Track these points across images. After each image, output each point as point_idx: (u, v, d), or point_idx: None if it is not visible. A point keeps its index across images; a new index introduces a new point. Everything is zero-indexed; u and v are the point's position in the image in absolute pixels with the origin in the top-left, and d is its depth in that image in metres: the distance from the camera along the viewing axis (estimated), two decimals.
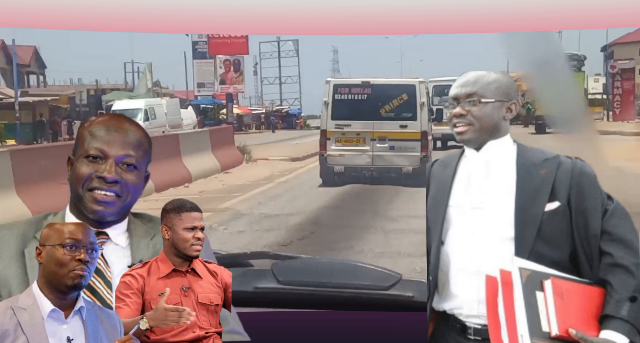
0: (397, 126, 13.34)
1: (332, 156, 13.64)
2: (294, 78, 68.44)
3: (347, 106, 13.53)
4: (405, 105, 13.39)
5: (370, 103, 13.49)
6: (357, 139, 13.45)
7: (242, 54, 49.46)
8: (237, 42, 47.83)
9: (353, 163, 13.52)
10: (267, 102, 62.29)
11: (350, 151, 13.50)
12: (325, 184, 13.92)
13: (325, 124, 13.70)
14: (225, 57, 48.28)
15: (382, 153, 13.38)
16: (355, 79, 14.27)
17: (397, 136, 13.32)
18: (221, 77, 48.95)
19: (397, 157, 13.20)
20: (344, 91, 13.66)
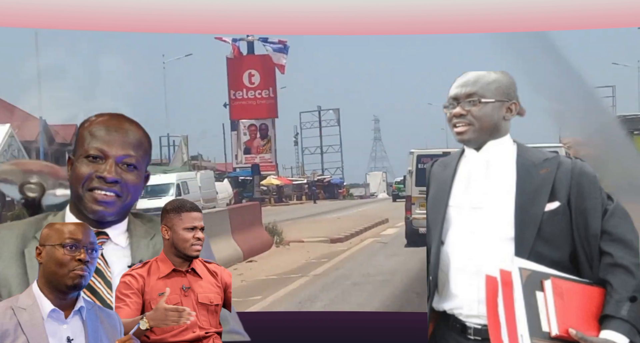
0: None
1: (417, 219, 14.89)
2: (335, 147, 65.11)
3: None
4: None
5: None
6: None
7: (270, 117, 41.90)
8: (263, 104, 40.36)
9: None
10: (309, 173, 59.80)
11: None
12: (410, 245, 15.38)
13: (410, 190, 15.20)
14: (250, 122, 41.28)
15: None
16: (436, 149, 15.93)
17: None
18: (246, 145, 42.01)
19: None
20: (426, 161, 15.04)
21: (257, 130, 42.66)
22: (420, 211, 14.82)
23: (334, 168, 64.96)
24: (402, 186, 30.38)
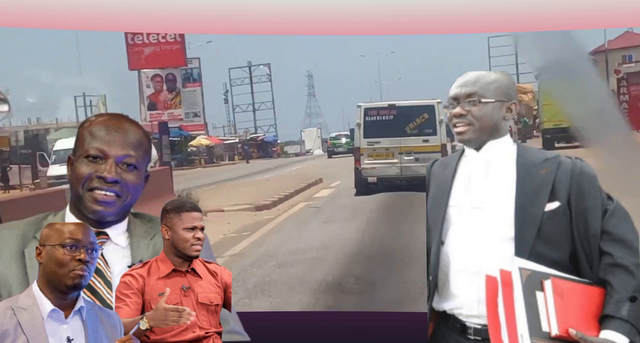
0: (421, 140, 15.61)
1: (366, 169, 15.75)
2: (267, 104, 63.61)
3: (376, 126, 15.84)
4: (427, 123, 15.74)
5: (396, 122, 15.79)
6: (387, 153, 15.69)
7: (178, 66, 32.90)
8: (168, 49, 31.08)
9: (384, 174, 15.67)
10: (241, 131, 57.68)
11: (381, 164, 15.69)
12: (359, 193, 15.86)
13: (359, 142, 15.86)
14: (154, 72, 31.69)
15: (409, 164, 15.56)
16: (382, 102, 16.89)
17: (421, 149, 15.50)
18: (150, 100, 32.66)
19: (422, 167, 14.74)
20: (373, 114, 15.99)
21: (164, 81, 34.19)
22: (368, 161, 15.60)
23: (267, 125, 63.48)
24: (337, 142, 30.08)
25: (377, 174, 15.77)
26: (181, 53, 32.31)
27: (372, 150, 15.70)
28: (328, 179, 22.03)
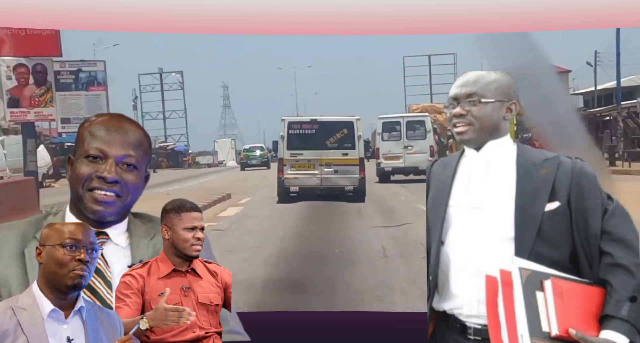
0: (340, 154, 17.02)
1: (288, 178, 16.93)
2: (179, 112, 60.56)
3: (299, 139, 17.13)
4: (346, 137, 17.18)
5: (318, 136, 17.15)
6: (308, 165, 16.96)
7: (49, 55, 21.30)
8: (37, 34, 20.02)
9: (305, 184, 16.88)
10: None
11: (303, 174, 16.95)
12: (282, 201, 16.76)
13: (282, 153, 17.13)
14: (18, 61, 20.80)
15: (329, 176, 16.96)
16: (305, 117, 18.45)
17: (340, 162, 16.98)
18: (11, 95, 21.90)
19: (341, 178, 16.85)
20: (296, 127, 17.29)
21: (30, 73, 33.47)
22: (291, 171, 16.82)
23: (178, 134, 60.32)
24: (251, 154, 30.52)
25: (298, 184, 16.91)
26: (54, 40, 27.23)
27: (295, 161, 16.93)
28: (238, 194, 20.27)
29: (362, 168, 16.79)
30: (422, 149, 20.67)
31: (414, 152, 20.75)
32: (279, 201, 16.69)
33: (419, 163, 20.26)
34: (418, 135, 21.08)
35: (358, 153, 16.98)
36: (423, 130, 21.04)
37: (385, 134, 21.23)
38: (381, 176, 20.85)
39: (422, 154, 20.48)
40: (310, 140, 17.04)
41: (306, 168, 16.94)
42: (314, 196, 16.76)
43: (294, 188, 16.83)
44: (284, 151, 17.08)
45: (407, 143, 20.83)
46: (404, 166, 20.72)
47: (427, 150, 20.57)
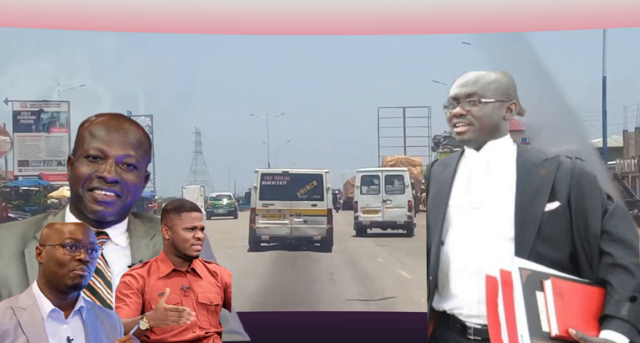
0: (309, 204, 17.76)
1: (260, 228, 17.60)
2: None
3: (271, 190, 17.90)
4: (316, 189, 17.99)
5: (289, 187, 17.95)
6: (279, 214, 17.66)
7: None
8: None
9: (276, 233, 17.62)
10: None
11: (274, 224, 17.68)
12: (253, 250, 17.35)
13: (255, 203, 17.85)
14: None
15: (298, 226, 17.67)
16: (277, 169, 19.27)
17: (309, 213, 17.67)
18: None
19: (309, 228, 17.62)
20: (268, 178, 18.17)
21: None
22: (262, 221, 17.58)
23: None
24: (218, 202, 30.04)
25: (269, 233, 17.66)
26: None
27: (267, 211, 17.74)
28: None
29: (329, 219, 17.69)
30: (400, 204, 20.59)
31: (392, 206, 20.61)
32: (250, 250, 17.36)
33: (397, 217, 20.47)
34: (397, 189, 20.98)
35: (326, 204, 17.87)
36: (402, 184, 20.99)
37: (363, 188, 21.15)
38: (358, 229, 20.77)
39: (401, 209, 20.48)
40: (282, 191, 17.89)
41: (277, 218, 17.68)
42: (284, 245, 17.50)
43: (265, 237, 17.65)
44: (257, 201, 17.85)
45: (385, 197, 20.69)
46: (382, 220, 20.60)
47: (405, 205, 20.46)
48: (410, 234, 20.06)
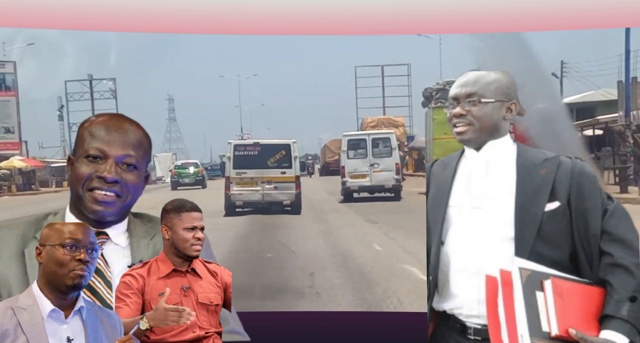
0: (279, 172, 19.11)
1: (234, 194, 18.95)
2: None
3: (244, 159, 19.27)
4: (284, 158, 19.35)
5: (260, 157, 19.36)
6: (252, 182, 19.07)
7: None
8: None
9: (249, 199, 19.04)
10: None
11: (247, 191, 19.07)
12: (228, 215, 18.46)
13: (229, 172, 19.25)
14: None
15: (269, 192, 19.06)
16: (249, 141, 21.29)
17: (279, 180, 19.04)
18: None
19: (280, 194, 19.01)
20: (241, 149, 19.56)
21: None
22: (236, 188, 18.98)
23: None
24: (183, 171, 30.44)
25: (243, 199, 19.13)
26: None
27: (240, 179, 19.20)
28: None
29: (297, 184, 19.18)
30: (388, 167, 21.01)
31: (380, 170, 21.04)
32: (226, 215, 18.46)
33: (385, 181, 20.78)
34: (384, 152, 21.34)
35: (294, 171, 19.27)
36: (389, 147, 21.43)
37: (350, 152, 21.66)
38: (346, 195, 21.11)
39: (388, 172, 20.87)
40: (253, 160, 19.32)
41: (250, 185, 19.13)
42: (257, 209, 18.82)
43: (239, 202, 19.06)
44: (231, 170, 19.31)
45: (373, 161, 21.18)
46: (370, 184, 21.03)
47: (393, 168, 20.91)
48: (398, 197, 20.28)
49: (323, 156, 36.00)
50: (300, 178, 19.76)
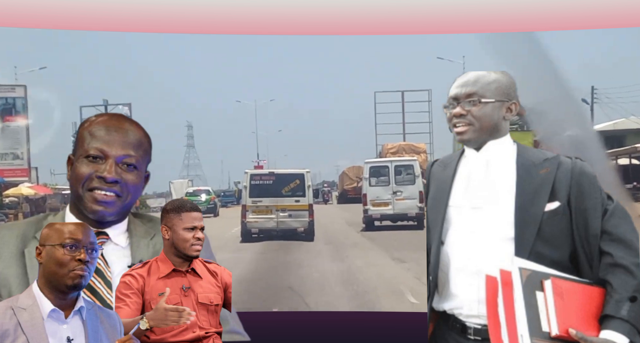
0: (293, 200, 19.87)
1: (250, 222, 19.74)
2: None
3: (259, 188, 20.14)
4: (298, 187, 20.13)
5: (275, 186, 20.17)
6: (267, 210, 19.85)
7: None
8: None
9: (264, 226, 19.78)
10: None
11: (262, 218, 19.86)
12: (244, 241, 19.25)
13: (245, 200, 20.11)
14: None
15: (284, 219, 19.80)
16: (264, 170, 22.56)
17: (293, 208, 19.80)
18: None
19: (293, 221, 19.74)
20: (257, 178, 20.41)
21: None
22: (252, 216, 19.85)
23: None
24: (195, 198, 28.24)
25: (258, 226, 19.87)
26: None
27: (255, 207, 20.05)
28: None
29: (311, 212, 19.90)
30: (411, 195, 20.82)
31: (402, 198, 20.90)
32: (242, 241, 19.36)
33: (408, 209, 20.66)
34: (406, 180, 21.18)
35: (308, 200, 20.02)
36: (412, 175, 21.33)
37: (372, 179, 21.58)
38: (367, 223, 20.96)
39: (411, 200, 20.69)
40: (269, 189, 20.13)
41: (265, 213, 19.94)
42: (271, 236, 19.46)
43: (255, 229, 19.80)
44: (247, 198, 20.14)
45: (395, 189, 21.07)
46: (393, 212, 20.92)
47: (416, 196, 20.64)
48: (421, 226, 19.86)
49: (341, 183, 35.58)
50: (316, 205, 20.41)
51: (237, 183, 42.06)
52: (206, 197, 29.13)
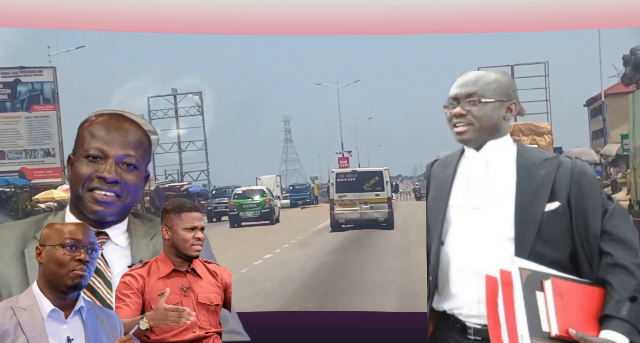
0: (374, 194, 23.39)
1: (337, 214, 23.41)
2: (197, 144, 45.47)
3: (344, 185, 23.69)
4: (378, 183, 23.69)
5: (357, 182, 23.75)
6: (351, 203, 23.40)
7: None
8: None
9: (349, 217, 23.41)
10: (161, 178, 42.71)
11: (348, 210, 23.41)
12: (334, 230, 22.79)
13: (332, 195, 23.81)
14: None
15: (366, 211, 23.34)
16: (347, 169, 26.31)
17: (374, 201, 23.33)
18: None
19: (375, 212, 23.26)
20: (341, 176, 24.07)
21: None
22: (339, 209, 23.34)
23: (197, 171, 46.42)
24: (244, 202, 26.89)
25: (345, 217, 23.35)
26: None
27: (341, 201, 23.40)
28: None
29: (389, 204, 23.33)
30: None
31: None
32: (332, 230, 22.77)
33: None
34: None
35: (386, 193, 23.30)
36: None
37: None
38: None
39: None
40: (352, 185, 23.50)
41: (349, 206, 23.31)
42: (356, 226, 22.76)
43: (342, 220, 23.20)
44: (334, 194, 23.61)
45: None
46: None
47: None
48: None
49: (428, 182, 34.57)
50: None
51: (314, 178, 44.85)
52: (260, 199, 24.26)
